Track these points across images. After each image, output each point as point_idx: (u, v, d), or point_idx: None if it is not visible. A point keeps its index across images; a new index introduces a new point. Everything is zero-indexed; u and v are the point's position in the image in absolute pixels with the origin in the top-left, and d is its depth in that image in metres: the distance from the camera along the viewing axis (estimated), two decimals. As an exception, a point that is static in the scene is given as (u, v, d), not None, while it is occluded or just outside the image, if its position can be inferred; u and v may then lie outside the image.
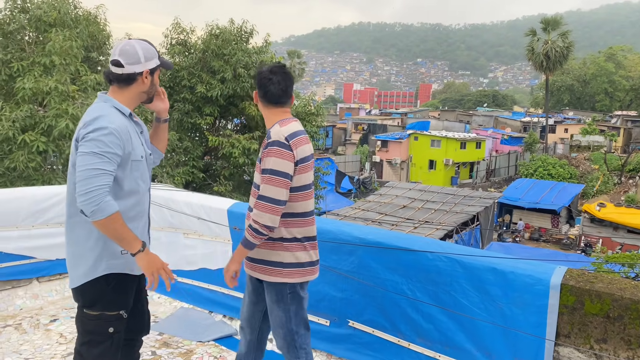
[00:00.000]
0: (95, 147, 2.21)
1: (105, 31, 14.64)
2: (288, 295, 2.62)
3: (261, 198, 2.45)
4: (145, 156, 2.49)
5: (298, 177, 2.54)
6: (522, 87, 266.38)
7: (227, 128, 18.35)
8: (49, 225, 4.58)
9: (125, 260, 2.42)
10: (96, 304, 2.41)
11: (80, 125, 2.32)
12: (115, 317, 2.42)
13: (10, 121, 10.23)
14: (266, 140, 2.56)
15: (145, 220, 2.56)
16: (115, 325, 2.42)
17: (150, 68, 2.45)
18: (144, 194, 2.52)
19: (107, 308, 2.41)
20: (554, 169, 37.27)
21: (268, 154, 2.49)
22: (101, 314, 2.40)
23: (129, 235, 2.27)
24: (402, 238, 3.34)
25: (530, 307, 2.78)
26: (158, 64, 2.49)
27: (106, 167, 2.21)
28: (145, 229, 2.58)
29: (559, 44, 45.98)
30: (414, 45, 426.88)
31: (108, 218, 2.18)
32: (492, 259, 2.97)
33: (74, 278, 2.43)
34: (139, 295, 2.64)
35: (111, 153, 2.24)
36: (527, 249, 21.04)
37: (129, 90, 2.43)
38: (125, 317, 2.46)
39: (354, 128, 55.48)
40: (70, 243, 2.43)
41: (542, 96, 72.52)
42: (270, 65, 2.65)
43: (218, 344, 3.83)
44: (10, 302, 4.34)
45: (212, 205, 4.34)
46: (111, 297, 2.42)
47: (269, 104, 2.63)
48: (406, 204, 21.67)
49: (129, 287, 2.50)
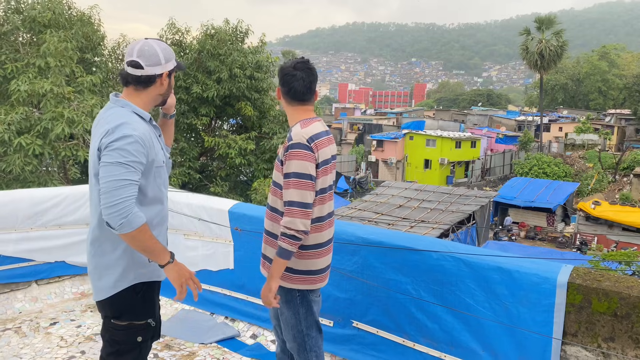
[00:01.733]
0: (120, 157, 2.12)
1: (100, 32, 14.56)
2: (297, 299, 2.60)
3: (290, 204, 2.39)
4: (165, 161, 2.45)
5: (317, 180, 2.48)
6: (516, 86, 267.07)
7: (223, 128, 18.30)
8: (47, 228, 4.53)
9: (153, 267, 2.38)
10: (124, 314, 2.34)
11: (101, 133, 2.20)
12: (144, 326, 2.37)
13: (5, 124, 10.16)
14: (287, 142, 2.48)
15: (166, 226, 2.54)
16: (143, 334, 2.38)
17: (169, 70, 2.37)
18: (166, 200, 2.50)
19: (135, 318, 2.35)
20: (549, 168, 37.37)
21: (290, 157, 2.43)
22: (129, 324, 2.34)
23: (158, 246, 2.21)
24: (406, 238, 3.32)
25: (537, 306, 2.76)
26: (175, 65, 2.41)
27: (132, 177, 2.13)
28: (166, 234, 2.56)
29: (553, 42, 46.12)
30: (408, 45, 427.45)
31: (137, 230, 2.11)
32: (497, 258, 2.96)
33: (100, 290, 2.33)
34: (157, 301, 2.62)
35: (136, 162, 2.16)
36: (523, 248, 21.05)
37: (146, 92, 2.34)
38: (154, 325, 2.42)
39: (350, 128, 55.47)
40: (94, 254, 2.33)
41: (536, 95, 72.79)
42: (294, 60, 2.58)
43: (220, 345, 3.80)
44: (9, 306, 4.30)
45: (213, 206, 4.31)
46: (139, 306, 2.37)
47: (293, 100, 2.56)
48: (402, 203, 21.66)
49: (156, 294, 2.47)
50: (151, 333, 2.43)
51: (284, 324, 2.66)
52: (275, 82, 13.03)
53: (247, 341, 3.90)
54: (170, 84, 2.43)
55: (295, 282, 2.56)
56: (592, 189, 35.36)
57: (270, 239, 2.61)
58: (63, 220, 4.62)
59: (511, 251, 17.85)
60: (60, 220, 4.60)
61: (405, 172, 42.85)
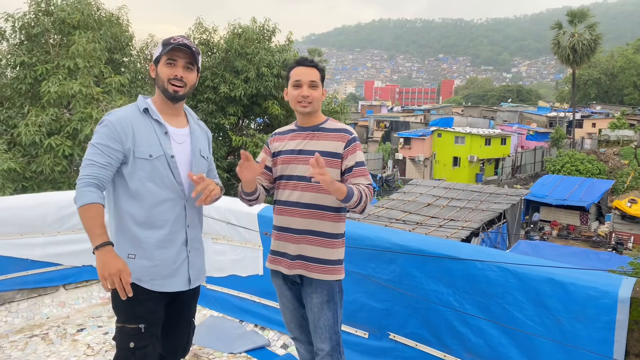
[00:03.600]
0: (93, 139, 2.22)
1: (128, 32, 14.64)
2: (337, 294, 2.54)
3: (369, 185, 2.45)
4: (160, 157, 2.26)
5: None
6: (546, 81, 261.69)
7: (250, 128, 18.28)
8: (75, 231, 4.46)
9: (134, 267, 2.22)
10: (119, 313, 2.30)
11: None
12: (135, 330, 2.24)
13: (36, 126, 10.26)
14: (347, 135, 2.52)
15: (169, 231, 2.30)
16: (136, 340, 2.24)
17: (155, 57, 2.34)
18: (164, 202, 2.28)
19: (127, 320, 2.26)
20: (582, 165, 36.35)
21: (357, 148, 2.52)
22: (123, 326, 2.27)
23: (94, 230, 2.08)
24: (448, 245, 3.11)
25: (595, 322, 2.53)
26: (160, 50, 2.30)
27: (95, 158, 2.17)
28: (173, 242, 2.31)
29: (585, 36, 44.79)
30: (436, 41, 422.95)
31: (81, 208, 2.10)
32: (549, 268, 2.73)
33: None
34: (175, 314, 2.45)
35: (102, 145, 2.18)
36: (556, 247, 20.49)
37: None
38: (145, 332, 2.25)
39: (376, 126, 55.03)
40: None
41: (567, 90, 71.01)
42: (298, 58, 2.64)
43: (251, 355, 3.66)
44: (37, 311, 4.24)
45: (242, 210, 4.16)
46: (129, 307, 2.25)
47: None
48: (430, 201, 21.29)
49: (147, 300, 2.27)
50: (146, 342, 2.25)
51: (322, 325, 2.51)
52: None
53: (277, 351, 3.74)
54: (159, 72, 2.32)
55: (340, 273, 2.55)
56: (628, 186, 34.27)
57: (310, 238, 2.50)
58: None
59: (544, 251, 17.37)
60: (87, 223, 4.52)
61: (434, 170, 42.28)
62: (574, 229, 28.36)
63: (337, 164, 2.49)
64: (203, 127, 2.58)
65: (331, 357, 2.52)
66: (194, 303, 2.59)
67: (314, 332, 2.56)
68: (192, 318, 2.58)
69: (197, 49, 2.35)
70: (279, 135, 2.69)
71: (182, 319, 2.50)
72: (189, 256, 2.36)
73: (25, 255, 4.22)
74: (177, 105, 2.38)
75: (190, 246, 2.37)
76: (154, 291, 2.29)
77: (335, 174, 2.47)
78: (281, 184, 2.59)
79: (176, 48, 2.27)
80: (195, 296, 2.56)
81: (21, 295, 4.23)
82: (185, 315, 2.51)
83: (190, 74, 2.33)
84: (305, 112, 2.54)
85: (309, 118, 2.58)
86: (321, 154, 2.44)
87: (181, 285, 2.34)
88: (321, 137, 2.53)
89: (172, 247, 2.31)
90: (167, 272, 2.30)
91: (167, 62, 2.28)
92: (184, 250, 2.35)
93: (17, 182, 10.34)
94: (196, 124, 2.51)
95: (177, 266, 2.32)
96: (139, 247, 2.26)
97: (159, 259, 2.28)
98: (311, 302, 2.53)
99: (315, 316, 2.52)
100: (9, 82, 12.30)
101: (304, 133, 2.57)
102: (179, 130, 2.38)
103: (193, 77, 2.35)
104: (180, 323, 2.50)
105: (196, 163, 2.39)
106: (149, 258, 2.27)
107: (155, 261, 2.27)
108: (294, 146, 2.56)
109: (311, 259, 2.49)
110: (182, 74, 2.29)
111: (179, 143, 2.35)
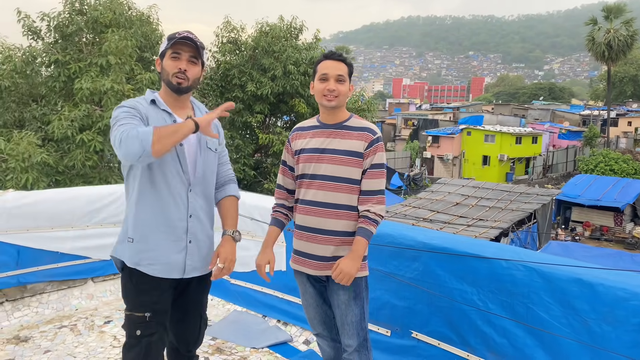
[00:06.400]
0: (113, 121, 2.22)
1: (158, 31, 14.86)
2: (364, 290, 2.55)
3: (380, 192, 2.48)
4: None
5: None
6: (580, 79, 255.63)
7: (277, 125, 18.36)
8: (103, 225, 4.56)
9: (131, 250, 2.29)
10: (127, 302, 2.36)
11: None
12: (141, 319, 2.28)
13: (69, 121, 10.51)
14: (370, 135, 2.49)
15: (170, 218, 2.31)
16: (142, 328, 2.28)
17: (160, 52, 2.38)
18: (168, 189, 2.29)
19: (133, 308, 2.31)
20: (617, 165, 35.34)
21: (379, 149, 2.50)
22: (130, 314, 2.32)
23: (176, 125, 2.16)
24: (472, 244, 3.06)
25: (624, 324, 2.45)
26: (165, 44, 2.33)
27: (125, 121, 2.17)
28: (173, 229, 2.32)
29: (622, 32, 43.51)
30: (466, 38, 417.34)
31: (152, 138, 2.04)
32: (576, 268, 2.66)
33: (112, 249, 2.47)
34: (184, 305, 2.48)
35: (125, 113, 2.21)
36: (588, 249, 20.02)
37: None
38: (150, 320, 2.28)
39: (404, 123, 54.58)
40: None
41: (602, 88, 69.23)
42: (326, 52, 2.60)
43: (273, 350, 3.67)
44: (66, 302, 4.34)
45: (266, 206, 4.16)
46: (135, 295, 2.32)
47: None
48: (459, 201, 21.02)
49: (153, 290, 2.31)
50: (152, 330, 2.28)
51: (350, 322, 2.51)
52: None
53: (299, 347, 3.75)
54: (164, 67, 2.35)
55: (366, 269, 2.56)
56: (665, 187, 33.16)
57: (336, 238, 2.49)
58: (118, 218, 4.62)
59: (575, 252, 16.98)
60: (115, 218, 4.61)
61: (463, 168, 41.72)
62: (607, 230, 27.64)
63: (358, 163, 2.47)
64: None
65: (359, 352, 2.52)
66: (205, 296, 2.60)
67: (341, 329, 2.56)
68: (202, 311, 2.59)
69: (202, 43, 2.38)
70: (300, 132, 2.65)
71: (192, 311, 2.52)
72: (187, 246, 2.36)
73: (55, 248, 4.33)
74: (183, 97, 2.41)
75: (191, 236, 2.37)
76: (159, 281, 2.32)
77: (356, 173, 2.47)
78: (304, 182, 2.56)
79: (180, 42, 2.30)
80: (205, 289, 2.58)
81: (51, 287, 4.34)
82: (194, 307, 2.53)
83: (194, 67, 2.35)
84: (330, 106, 2.50)
85: (333, 113, 2.55)
86: (344, 153, 2.47)
87: (175, 273, 2.35)
88: (345, 135, 2.50)
89: (172, 234, 2.33)
90: (164, 258, 2.31)
91: (171, 55, 2.32)
92: (183, 239, 2.35)
93: (50, 176, 10.62)
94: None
95: (174, 254, 2.33)
96: (138, 231, 2.31)
97: (156, 244, 2.30)
98: (338, 299, 2.52)
99: (342, 313, 2.52)
100: (43, 80, 12.64)
101: (328, 131, 2.54)
102: None
103: (197, 71, 2.37)
104: (190, 315, 2.52)
105: (202, 154, 2.42)
106: (146, 242, 2.30)
107: (151, 245, 2.30)
108: (317, 144, 2.53)
109: (338, 259, 2.47)
110: (185, 68, 2.31)
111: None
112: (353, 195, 2.47)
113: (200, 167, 2.40)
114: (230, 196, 2.58)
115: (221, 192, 2.57)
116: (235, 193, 2.62)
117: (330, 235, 2.49)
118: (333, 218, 2.47)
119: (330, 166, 2.47)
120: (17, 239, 4.12)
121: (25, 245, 4.15)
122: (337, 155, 2.47)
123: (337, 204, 2.47)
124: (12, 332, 3.82)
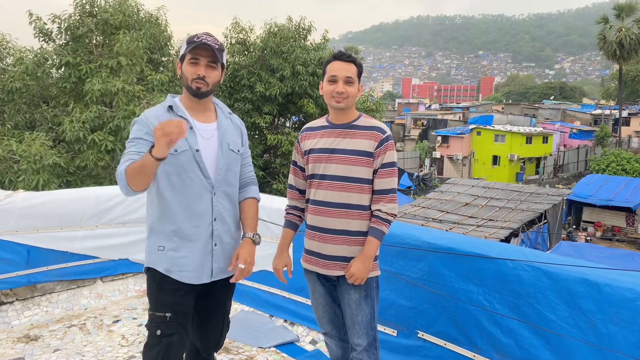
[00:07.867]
0: (129, 137, 2.34)
1: (167, 32, 14.96)
2: (374, 290, 2.56)
3: (391, 191, 2.49)
4: (185, 151, 2.29)
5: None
6: (591, 78, 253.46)
7: (285, 126, 18.39)
8: (112, 225, 4.60)
9: (164, 259, 2.32)
10: (150, 301, 2.38)
11: None
12: (161, 319, 2.30)
13: (80, 122, 10.60)
14: (380, 134, 2.49)
15: (195, 224, 2.33)
16: (163, 328, 2.29)
17: (181, 55, 2.38)
18: (191, 195, 2.31)
19: (156, 308, 2.33)
20: (629, 164, 34.99)
21: (390, 148, 2.51)
22: (152, 314, 2.34)
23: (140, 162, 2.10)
24: (478, 244, 3.05)
25: (632, 325, 2.43)
26: (185, 48, 2.33)
27: (131, 149, 2.26)
28: (198, 235, 2.34)
29: (634, 30, 43.10)
30: (475, 37, 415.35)
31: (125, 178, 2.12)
32: (583, 268, 2.64)
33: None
34: (207, 308, 2.50)
35: (135, 138, 2.28)
36: (600, 249, 19.85)
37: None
38: (170, 321, 2.29)
39: (413, 123, 54.42)
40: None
41: (614, 87, 68.53)
42: (335, 52, 2.59)
43: (279, 350, 3.69)
44: (75, 302, 4.38)
45: (273, 206, 4.20)
46: (157, 295, 2.34)
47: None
48: (469, 201, 20.92)
49: (175, 291, 2.33)
50: (172, 330, 2.29)
51: (359, 323, 2.52)
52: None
53: (306, 347, 3.76)
54: (184, 71, 2.35)
55: (377, 269, 2.58)
56: (678, 187, 32.77)
57: (348, 238, 2.49)
58: (127, 218, 4.67)
59: (586, 253, 16.83)
60: (124, 218, 4.65)
61: (472, 168, 41.53)
62: (619, 231, 27.38)
63: (368, 162, 2.47)
64: (236, 121, 2.58)
65: (367, 352, 2.53)
66: (229, 299, 2.61)
67: (351, 328, 2.56)
68: (226, 314, 2.59)
69: (221, 46, 2.37)
70: (309, 132, 2.66)
71: (215, 314, 2.53)
72: (213, 249, 2.38)
73: (65, 248, 4.37)
74: (203, 101, 2.40)
75: (217, 239, 2.39)
76: (182, 283, 2.34)
77: (366, 173, 2.47)
78: (314, 182, 2.57)
79: (199, 46, 2.29)
80: (229, 292, 2.58)
81: (61, 287, 4.38)
82: (217, 310, 2.54)
83: (213, 72, 2.34)
84: (339, 107, 2.52)
85: (342, 114, 2.56)
86: (353, 153, 2.47)
87: (205, 278, 2.37)
88: (354, 135, 2.51)
89: (198, 239, 2.35)
90: (193, 264, 2.34)
91: (190, 60, 2.31)
92: (209, 243, 2.37)
93: (61, 177, 10.72)
94: (227, 119, 2.52)
95: (202, 259, 2.36)
96: (167, 239, 2.32)
97: (185, 251, 2.32)
98: (349, 298, 2.52)
99: (353, 312, 2.53)
100: (54, 81, 12.77)
101: (337, 131, 2.55)
102: (205, 126, 2.40)
103: (216, 75, 2.37)
104: (213, 317, 2.53)
105: (224, 157, 2.41)
106: (176, 249, 2.32)
107: (181, 252, 2.32)
108: (326, 144, 2.54)
109: (350, 259, 2.49)
110: (204, 73, 2.31)
111: (206, 138, 2.37)
112: (364, 194, 2.47)
113: (223, 170, 2.40)
114: (250, 198, 2.59)
115: (242, 193, 2.58)
116: (256, 195, 2.62)
117: (342, 235, 2.49)
118: (344, 218, 2.48)
119: (340, 166, 2.48)
120: (27, 239, 4.17)
121: (35, 245, 4.20)
122: (347, 155, 2.48)
123: (348, 204, 2.48)
124: (22, 330, 3.87)
